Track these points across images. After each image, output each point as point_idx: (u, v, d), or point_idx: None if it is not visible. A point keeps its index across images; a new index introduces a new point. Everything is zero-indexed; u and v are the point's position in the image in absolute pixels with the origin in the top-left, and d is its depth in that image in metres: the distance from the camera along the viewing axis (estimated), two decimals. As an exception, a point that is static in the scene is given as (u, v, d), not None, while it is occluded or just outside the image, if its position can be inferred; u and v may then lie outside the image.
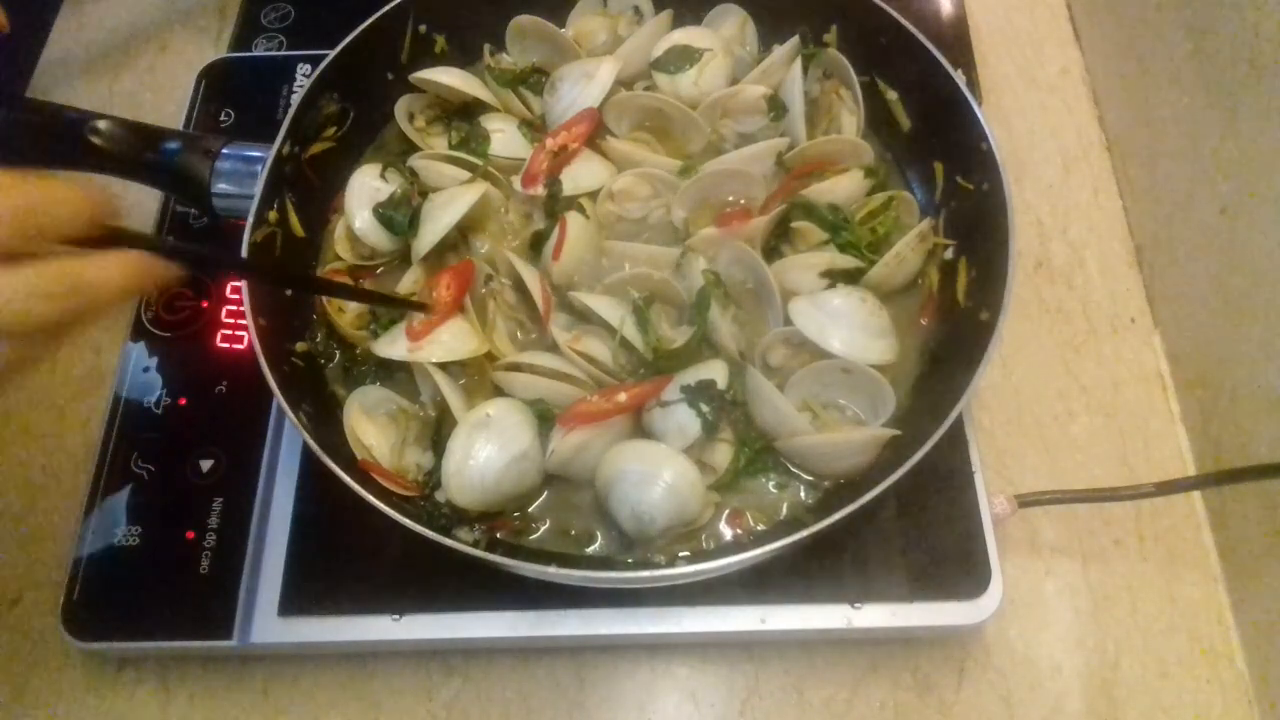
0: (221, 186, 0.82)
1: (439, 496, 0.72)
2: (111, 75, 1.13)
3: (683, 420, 0.72)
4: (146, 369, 0.85)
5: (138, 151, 0.81)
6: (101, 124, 0.80)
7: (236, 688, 0.78)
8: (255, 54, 1.07)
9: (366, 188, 0.84)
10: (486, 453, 0.70)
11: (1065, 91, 1.07)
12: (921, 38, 0.82)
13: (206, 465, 0.80)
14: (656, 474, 0.69)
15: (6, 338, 0.46)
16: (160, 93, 1.11)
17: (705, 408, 0.72)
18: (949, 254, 0.82)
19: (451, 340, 0.75)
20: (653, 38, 0.91)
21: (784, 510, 0.74)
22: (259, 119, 0.97)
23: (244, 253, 0.76)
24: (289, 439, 0.82)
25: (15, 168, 0.46)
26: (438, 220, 0.79)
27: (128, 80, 1.12)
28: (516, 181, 0.84)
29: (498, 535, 0.73)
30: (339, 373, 0.81)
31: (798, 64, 0.87)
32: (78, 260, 0.47)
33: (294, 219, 0.83)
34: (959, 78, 0.80)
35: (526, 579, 0.69)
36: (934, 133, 0.85)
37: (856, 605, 0.73)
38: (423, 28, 0.91)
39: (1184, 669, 0.78)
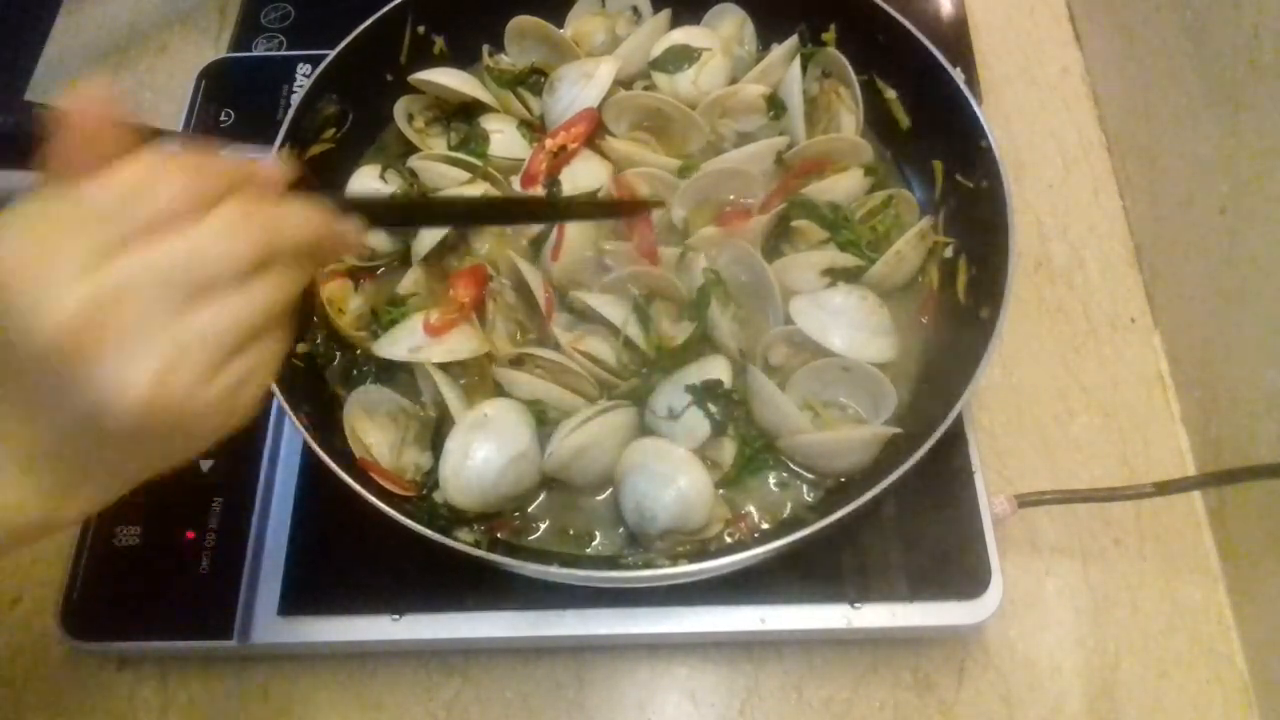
0: (222, 189, 0.81)
1: (436, 497, 0.72)
2: (111, 75, 1.13)
3: (691, 422, 0.72)
4: (146, 369, 0.85)
5: (136, 155, 0.81)
6: (100, 128, 0.80)
7: (236, 688, 0.78)
8: (255, 54, 1.07)
9: (366, 189, 0.84)
10: (484, 453, 0.70)
11: (1065, 91, 1.07)
12: (919, 35, 0.82)
13: (206, 465, 0.80)
14: (673, 477, 0.69)
15: (241, 281, 0.41)
16: (160, 93, 1.11)
17: (713, 408, 0.72)
18: (949, 252, 0.82)
19: (453, 340, 0.75)
20: (651, 37, 0.91)
21: (787, 509, 0.74)
22: (259, 119, 0.97)
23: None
24: (289, 439, 0.82)
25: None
26: (438, 221, 0.79)
27: (128, 80, 1.12)
28: (516, 182, 0.84)
29: (498, 535, 0.73)
30: (340, 374, 0.80)
31: (796, 63, 0.87)
32: (254, 200, 0.43)
33: (294, 220, 0.82)
34: (958, 75, 0.80)
35: (526, 579, 0.69)
36: (933, 131, 0.85)
37: (856, 605, 0.73)
38: (421, 29, 0.91)
39: (1184, 669, 0.78)
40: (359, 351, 0.80)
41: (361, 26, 0.86)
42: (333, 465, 0.66)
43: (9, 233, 0.39)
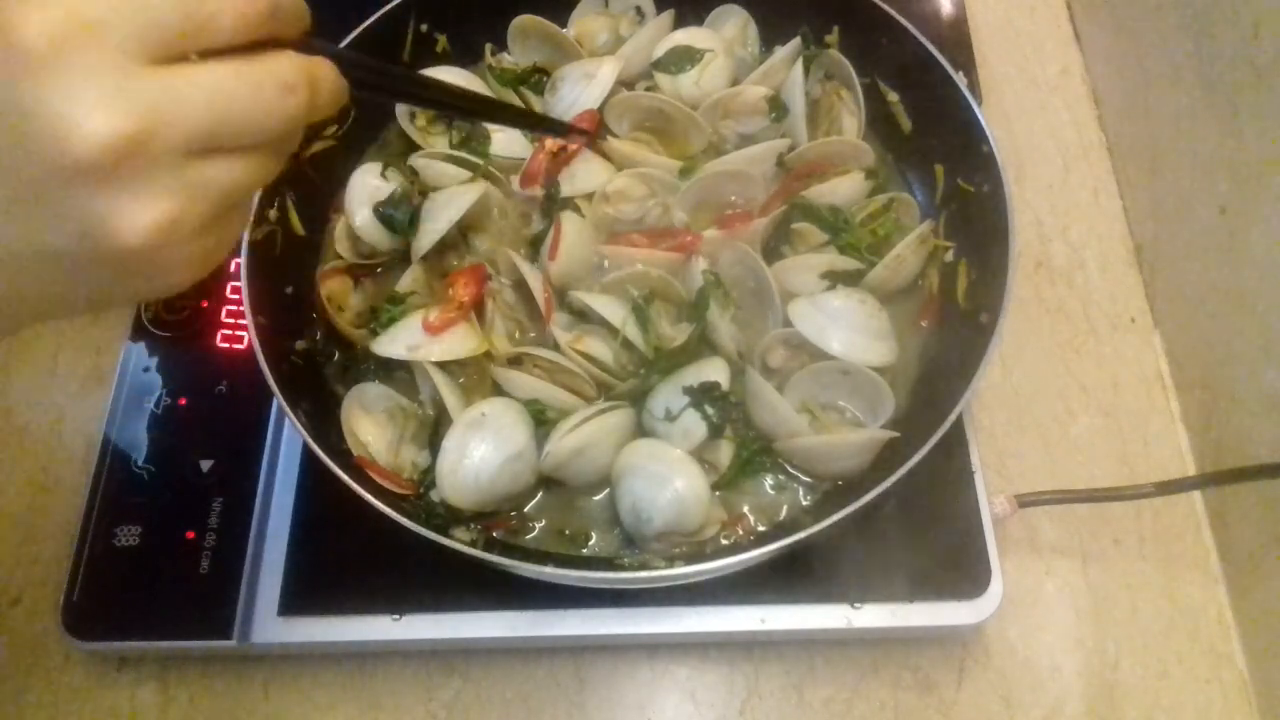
0: (222, 184, 0.81)
1: (434, 496, 0.72)
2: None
3: (688, 423, 0.72)
4: (146, 369, 0.85)
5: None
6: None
7: (236, 688, 0.78)
8: (255, 54, 1.07)
9: (367, 186, 0.84)
10: (481, 452, 0.70)
11: (1065, 91, 1.07)
12: (923, 40, 0.82)
13: (206, 465, 0.80)
14: (669, 478, 0.69)
15: (253, 146, 0.39)
16: (160, 92, 1.11)
17: (710, 410, 0.72)
18: (949, 256, 0.82)
19: (452, 339, 0.75)
20: (654, 38, 0.91)
21: (783, 511, 0.74)
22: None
23: (243, 251, 0.75)
24: (289, 439, 0.82)
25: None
26: (437, 219, 0.79)
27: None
28: (515, 181, 0.84)
29: (494, 535, 0.74)
30: (338, 371, 0.80)
31: (799, 65, 0.87)
32: (304, 57, 0.41)
33: (294, 217, 0.82)
34: (960, 80, 0.80)
35: (526, 579, 0.69)
36: (935, 135, 0.85)
37: (856, 605, 0.73)
38: (424, 27, 0.91)
39: (1184, 669, 0.78)
40: (358, 349, 0.80)
41: (364, 24, 0.85)
42: (328, 462, 0.66)
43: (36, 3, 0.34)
